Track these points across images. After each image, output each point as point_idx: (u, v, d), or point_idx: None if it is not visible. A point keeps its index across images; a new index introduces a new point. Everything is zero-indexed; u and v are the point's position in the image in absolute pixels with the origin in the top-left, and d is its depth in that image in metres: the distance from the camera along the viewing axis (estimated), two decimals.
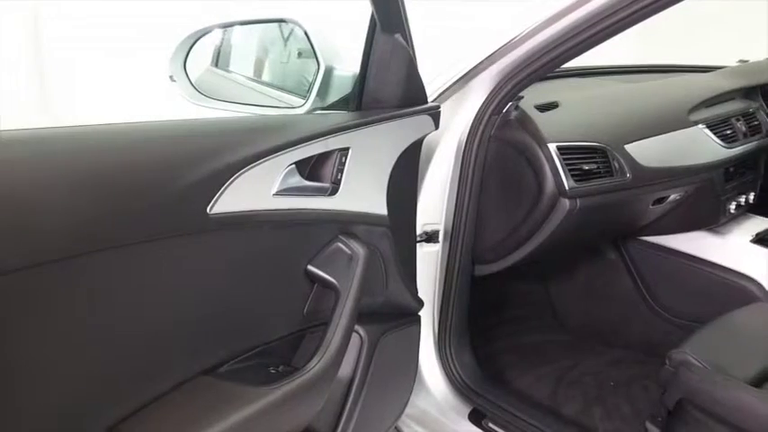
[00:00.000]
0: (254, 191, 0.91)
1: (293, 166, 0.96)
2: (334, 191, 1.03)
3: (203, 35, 1.27)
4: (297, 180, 0.97)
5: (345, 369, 1.11)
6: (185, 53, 1.24)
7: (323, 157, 1.02)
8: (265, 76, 1.41)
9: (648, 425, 1.41)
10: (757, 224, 1.95)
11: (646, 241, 2.02)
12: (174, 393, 0.86)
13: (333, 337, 0.99)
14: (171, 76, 1.23)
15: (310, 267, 1.02)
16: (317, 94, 1.15)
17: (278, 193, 0.94)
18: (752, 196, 2.01)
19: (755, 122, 2.02)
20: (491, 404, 1.58)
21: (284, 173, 0.94)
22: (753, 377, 1.32)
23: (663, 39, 2.56)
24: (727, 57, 2.43)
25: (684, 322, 1.91)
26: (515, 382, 1.87)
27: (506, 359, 1.97)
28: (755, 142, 1.97)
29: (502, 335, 2.12)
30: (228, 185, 0.86)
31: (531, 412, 1.58)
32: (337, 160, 1.03)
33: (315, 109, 1.16)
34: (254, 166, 0.89)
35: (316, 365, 0.95)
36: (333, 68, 1.16)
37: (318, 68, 1.15)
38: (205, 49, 1.32)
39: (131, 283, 0.79)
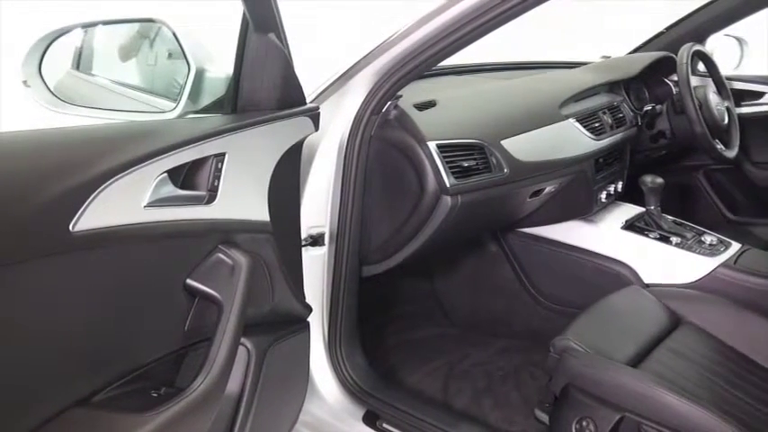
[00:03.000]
0: (123, 203, 0.85)
1: (165, 174, 0.91)
2: (211, 199, 0.98)
3: (61, 35, 1.18)
4: (170, 189, 0.92)
5: (233, 385, 1.07)
6: (40, 55, 1.15)
7: (197, 163, 0.97)
8: (132, 80, 1.33)
9: (537, 411, 1.45)
10: (626, 211, 2.05)
11: (524, 233, 2.07)
12: (42, 430, 0.79)
13: (218, 352, 0.94)
14: (24, 81, 1.13)
15: (189, 281, 0.97)
16: (189, 98, 1.10)
17: (149, 205, 0.88)
18: (620, 185, 2.12)
19: (620, 115, 2.13)
20: (384, 404, 1.58)
21: (155, 182, 0.89)
22: (631, 357, 1.39)
23: (532, 36, 2.66)
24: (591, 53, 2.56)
25: (565, 308, 1.98)
26: (407, 379, 1.87)
27: (397, 357, 1.98)
28: (621, 134, 2.08)
29: (391, 333, 2.12)
30: (93, 199, 0.80)
31: (424, 408, 1.59)
32: (213, 166, 0.99)
33: (187, 113, 1.11)
34: (122, 176, 0.84)
35: (200, 384, 0.91)
36: (204, 70, 1.11)
37: (189, 70, 1.09)
38: (64, 50, 1.23)
39: None
